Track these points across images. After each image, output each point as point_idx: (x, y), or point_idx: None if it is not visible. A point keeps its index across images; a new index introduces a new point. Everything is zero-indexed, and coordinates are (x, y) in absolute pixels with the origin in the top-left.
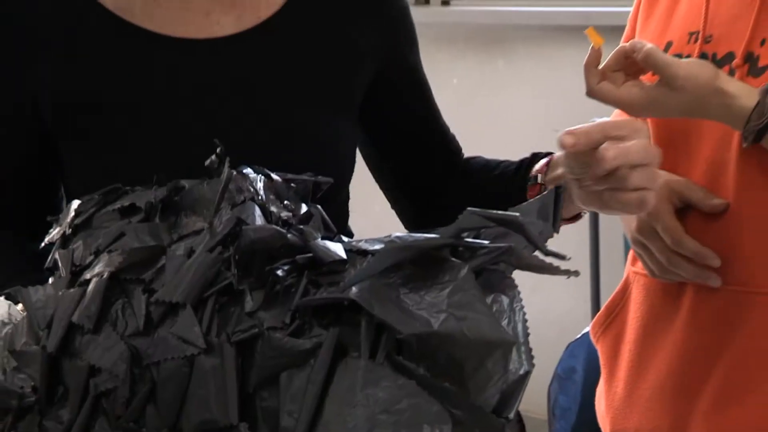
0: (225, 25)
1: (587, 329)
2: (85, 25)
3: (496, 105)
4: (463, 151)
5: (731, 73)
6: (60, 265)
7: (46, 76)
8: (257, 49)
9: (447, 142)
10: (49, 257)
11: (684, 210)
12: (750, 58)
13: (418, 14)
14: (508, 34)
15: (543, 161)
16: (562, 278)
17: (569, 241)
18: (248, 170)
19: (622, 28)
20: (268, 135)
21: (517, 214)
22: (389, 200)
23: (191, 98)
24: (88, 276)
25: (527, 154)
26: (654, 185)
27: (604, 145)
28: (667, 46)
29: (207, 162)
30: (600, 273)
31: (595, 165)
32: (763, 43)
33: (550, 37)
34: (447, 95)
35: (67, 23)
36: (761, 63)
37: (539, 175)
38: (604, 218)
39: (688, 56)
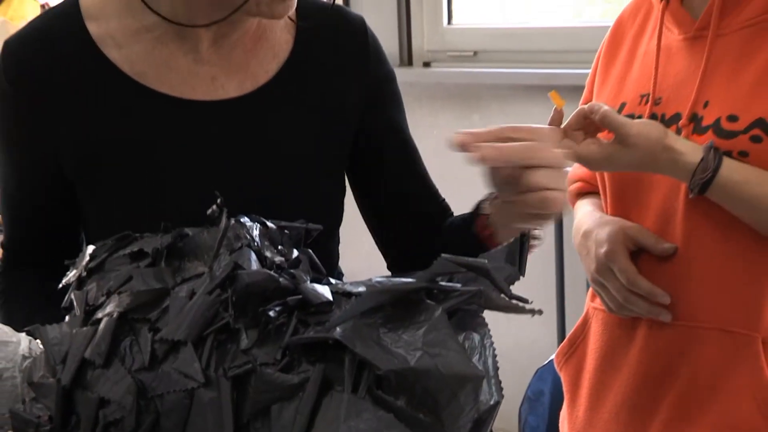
0: (228, 89)
1: (553, 356)
2: (105, 87)
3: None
4: (443, 192)
5: (678, 131)
6: (75, 304)
7: (69, 131)
8: (256, 110)
9: (432, 202)
10: (66, 297)
11: (638, 253)
12: (695, 118)
13: (402, 74)
14: (482, 93)
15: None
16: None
17: (538, 278)
18: (245, 219)
19: (581, 88)
20: (264, 187)
21: (485, 261)
22: (375, 242)
23: (197, 154)
24: (99, 315)
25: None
26: (556, 185)
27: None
28: (621, 107)
29: (208, 212)
30: (565, 306)
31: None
32: (705, 105)
33: (519, 95)
34: (428, 145)
35: (89, 85)
36: (704, 122)
37: (486, 204)
38: (568, 258)
39: (640, 116)
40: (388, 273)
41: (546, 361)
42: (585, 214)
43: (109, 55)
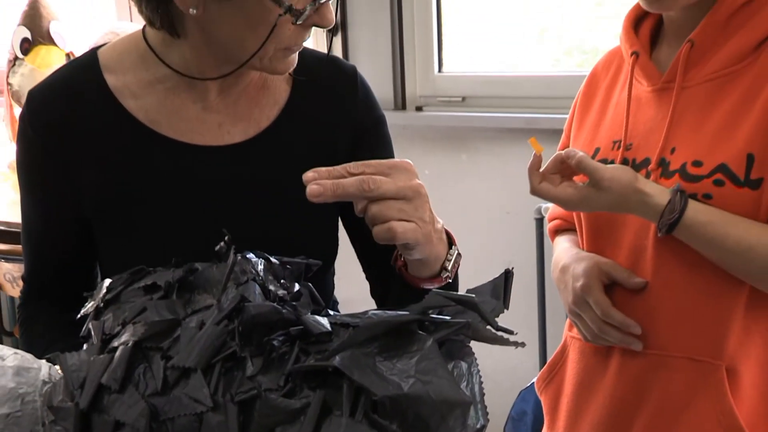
0: (234, 134)
1: (535, 380)
2: (122, 134)
3: (460, 191)
4: None
5: (647, 175)
6: (93, 333)
7: (88, 175)
8: (259, 153)
9: None
10: (84, 327)
11: (611, 287)
12: (663, 163)
13: (397, 118)
14: (470, 135)
15: None
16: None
17: (522, 308)
18: (251, 255)
19: (559, 131)
20: (268, 225)
21: (473, 296)
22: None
23: (206, 194)
24: (115, 344)
25: (485, 230)
26: (401, 215)
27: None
28: (596, 152)
29: (217, 248)
30: (546, 334)
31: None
32: (672, 151)
33: (503, 137)
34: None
35: (107, 132)
36: (672, 167)
37: None
38: (548, 291)
39: (612, 161)
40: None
41: (528, 384)
42: (563, 250)
43: (125, 104)
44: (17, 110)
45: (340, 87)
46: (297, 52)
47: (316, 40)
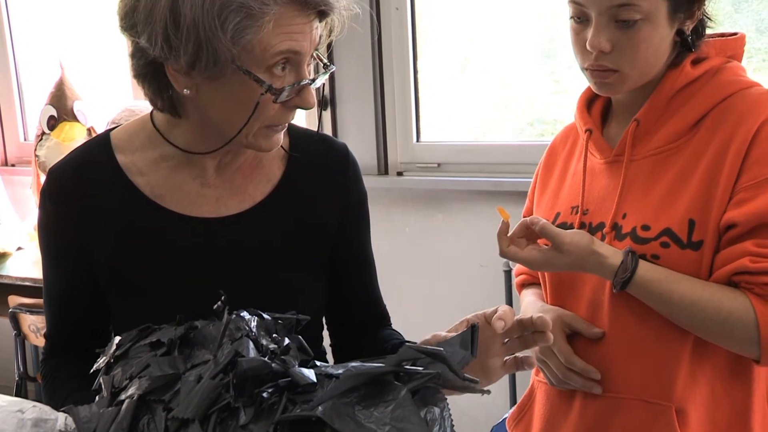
0: (230, 207)
1: (507, 415)
2: (130, 207)
3: (438, 246)
4: (413, 278)
5: (603, 237)
6: (103, 387)
7: (101, 245)
8: (254, 225)
9: (376, 310)
10: (96, 381)
11: (573, 336)
12: (615, 227)
13: (380, 182)
14: (445, 196)
15: None
16: None
17: None
18: (244, 313)
19: (524, 193)
20: (262, 287)
21: (442, 349)
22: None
23: (205, 261)
24: (123, 397)
25: (460, 282)
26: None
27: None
28: (557, 216)
29: (215, 307)
30: (516, 376)
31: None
32: (624, 216)
33: (474, 199)
34: (401, 240)
35: (118, 206)
36: (624, 231)
37: None
38: None
39: (572, 224)
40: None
41: (500, 420)
42: (529, 303)
43: (134, 180)
44: (43, 179)
45: (331, 164)
46: (282, 131)
47: (308, 114)
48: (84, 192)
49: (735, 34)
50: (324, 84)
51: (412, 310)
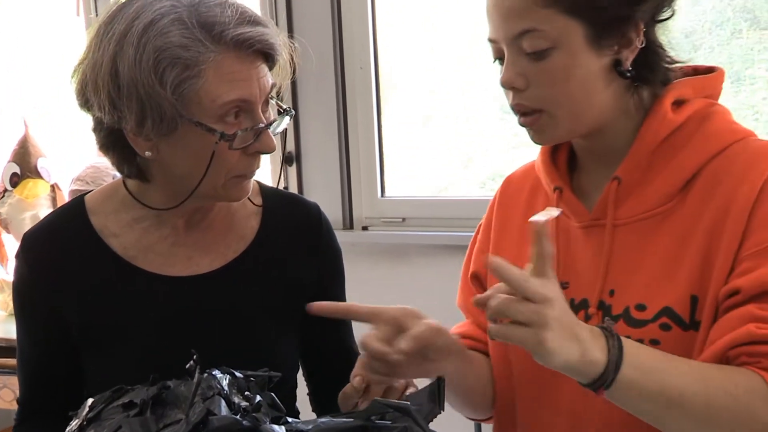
0: (202, 265)
1: None
2: (104, 268)
3: (402, 300)
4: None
5: (587, 317)
6: None
7: (75, 306)
8: (225, 283)
9: (346, 362)
10: None
11: None
12: (603, 306)
13: (346, 236)
14: (409, 250)
15: None
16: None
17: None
18: (216, 372)
19: None
20: (234, 345)
21: (408, 402)
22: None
23: (177, 319)
24: None
25: None
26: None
27: None
28: None
29: (187, 366)
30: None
31: None
32: (611, 293)
33: (438, 253)
34: (366, 292)
35: (92, 267)
36: (614, 311)
37: None
38: None
39: None
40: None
41: None
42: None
43: (108, 242)
44: (5, 236)
45: (305, 224)
46: (251, 180)
47: (273, 170)
48: (58, 255)
49: (712, 69)
50: (287, 138)
51: None
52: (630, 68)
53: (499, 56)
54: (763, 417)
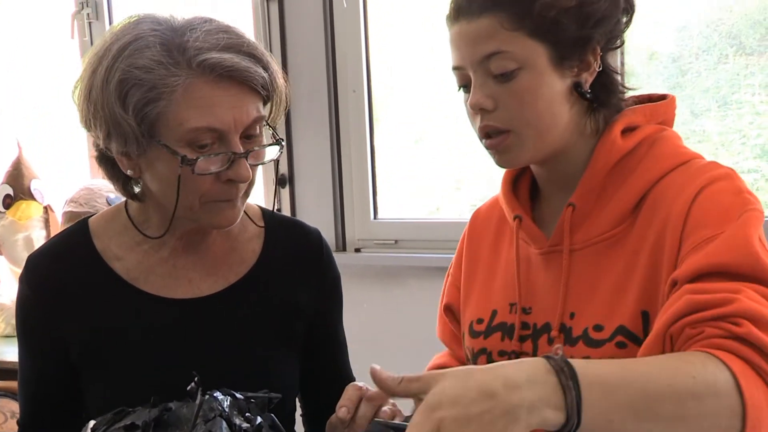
0: (203, 288)
1: None
2: (107, 290)
3: (395, 321)
4: (371, 353)
5: (550, 341)
6: None
7: (77, 328)
8: (226, 306)
9: (341, 386)
10: None
11: None
12: (564, 329)
13: (338, 258)
14: (402, 272)
15: None
16: None
17: None
18: (218, 393)
19: None
20: (235, 366)
21: (407, 423)
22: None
23: (179, 341)
24: None
25: (417, 356)
26: None
27: None
28: (493, 314)
29: (188, 388)
30: None
31: None
32: (572, 316)
33: (430, 274)
34: (359, 314)
35: (95, 289)
36: (574, 333)
37: None
38: None
39: (512, 325)
40: None
41: None
42: None
43: (111, 265)
44: None
45: (306, 249)
46: (234, 207)
47: (266, 192)
48: (61, 278)
49: (664, 96)
50: (281, 160)
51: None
52: (589, 90)
53: (464, 83)
54: (714, 408)
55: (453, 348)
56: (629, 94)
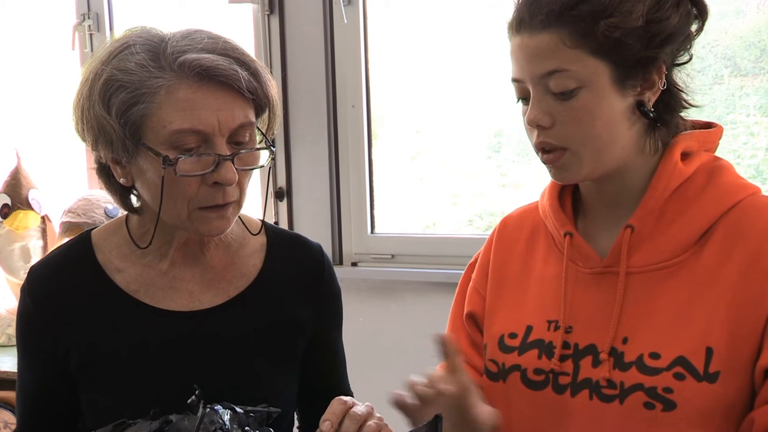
0: (203, 301)
1: None
2: (108, 302)
3: (391, 336)
4: (367, 367)
5: (595, 363)
6: None
7: (77, 339)
8: (228, 319)
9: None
10: None
11: None
12: (614, 353)
13: (336, 272)
14: (398, 287)
15: None
16: None
17: None
18: (218, 407)
19: None
20: (234, 380)
21: None
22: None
23: (179, 353)
24: None
25: (414, 371)
26: None
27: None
28: (528, 330)
29: (189, 401)
30: None
31: None
32: (625, 341)
33: (427, 289)
34: (355, 328)
35: (96, 301)
36: (627, 359)
37: None
38: None
39: (550, 343)
40: None
41: None
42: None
43: (112, 277)
44: None
45: (307, 265)
46: (224, 217)
47: (264, 205)
48: (63, 290)
49: (709, 125)
50: (279, 174)
51: (366, 398)
52: (652, 109)
53: (523, 96)
54: None
55: (467, 356)
56: (691, 111)
